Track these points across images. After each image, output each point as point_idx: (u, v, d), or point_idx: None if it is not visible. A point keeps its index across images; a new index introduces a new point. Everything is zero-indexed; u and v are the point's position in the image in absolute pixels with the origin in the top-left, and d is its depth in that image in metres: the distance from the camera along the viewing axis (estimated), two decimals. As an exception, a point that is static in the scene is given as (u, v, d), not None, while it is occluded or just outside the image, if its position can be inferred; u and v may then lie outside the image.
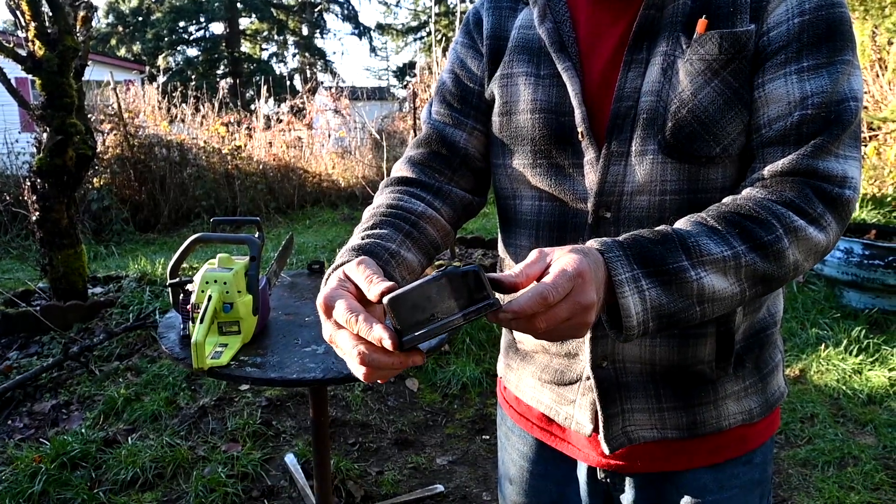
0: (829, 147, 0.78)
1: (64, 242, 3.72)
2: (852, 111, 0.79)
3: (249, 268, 1.61)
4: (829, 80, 0.78)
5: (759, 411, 0.93)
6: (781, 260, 0.75)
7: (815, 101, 0.78)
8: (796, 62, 0.79)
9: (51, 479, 2.37)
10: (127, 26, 24.35)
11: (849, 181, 0.78)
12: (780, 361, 0.97)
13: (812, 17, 0.79)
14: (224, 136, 8.89)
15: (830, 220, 0.78)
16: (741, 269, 0.73)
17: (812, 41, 0.79)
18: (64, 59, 3.59)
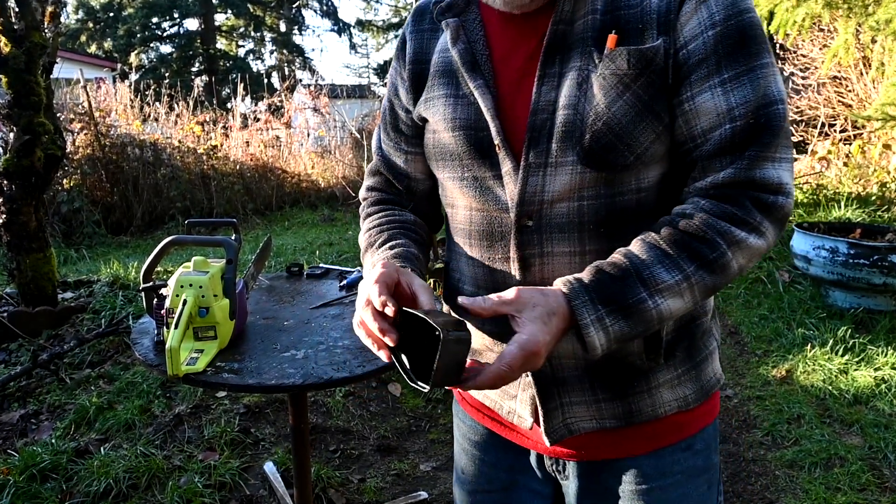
0: (764, 155, 0.83)
1: (32, 246, 3.60)
2: (780, 114, 0.83)
3: (226, 271, 1.57)
4: (751, 89, 0.83)
5: (695, 398, 0.97)
6: (726, 271, 0.83)
7: (741, 112, 0.83)
8: (718, 74, 0.84)
9: (19, 491, 2.27)
10: (97, 22, 23.95)
11: (784, 187, 0.84)
12: (715, 349, 1.01)
13: (724, 27, 0.83)
14: (199, 135, 8.75)
15: (768, 225, 0.84)
16: (693, 287, 0.82)
17: (728, 51, 0.84)
18: (31, 55, 3.48)
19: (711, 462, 1.02)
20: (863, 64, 6.25)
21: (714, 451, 1.03)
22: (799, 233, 3.96)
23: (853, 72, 6.45)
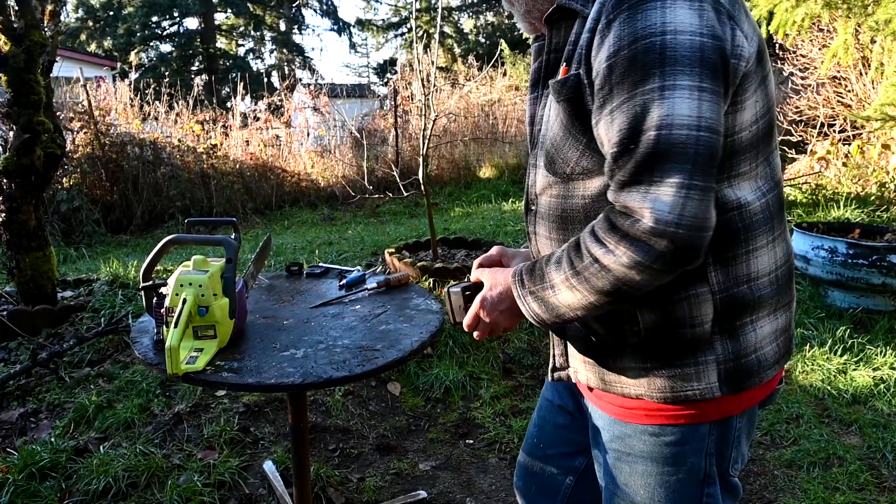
0: (631, 180, 0.90)
1: (32, 245, 3.60)
2: (652, 140, 0.87)
3: (225, 270, 1.57)
4: (628, 116, 0.89)
5: (662, 397, 1.06)
6: (597, 279, 0.94)
7: (616, 139, 0.91)
8: (609, 102, 0.92)
9: (19, 490, 2.27)
10: (97, 21, 23.92)
11: (647, 212, 0.87)
12: (712, 363, 1.04)
13: (615, 58, 0.90)
14: (199, 134, 8.74)
15: (627, 248, 0.90)
16: (576, 286, 0.97)
17: (618, 80, 0.91)
18: (31, 54, 3.47)
19: (686, 460, 1.09)
20: (862, 64, 6.25)
21: (695, 454, 1.09)
22: (798, 233, 3.96)
23: (852, 72, 6.44)
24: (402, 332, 1.70)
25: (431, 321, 1.77)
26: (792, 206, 5.56)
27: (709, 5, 0.90)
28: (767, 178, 1.04)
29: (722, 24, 0.91)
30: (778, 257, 1.07)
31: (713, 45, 0.89)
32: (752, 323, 1.05)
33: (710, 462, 1.10)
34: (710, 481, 1.11)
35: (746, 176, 1.01)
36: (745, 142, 0.99)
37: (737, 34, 0.93)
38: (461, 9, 26.25)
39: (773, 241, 1.06)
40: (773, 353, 1.08)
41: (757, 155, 1.01)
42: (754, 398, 1.10)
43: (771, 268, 1.06)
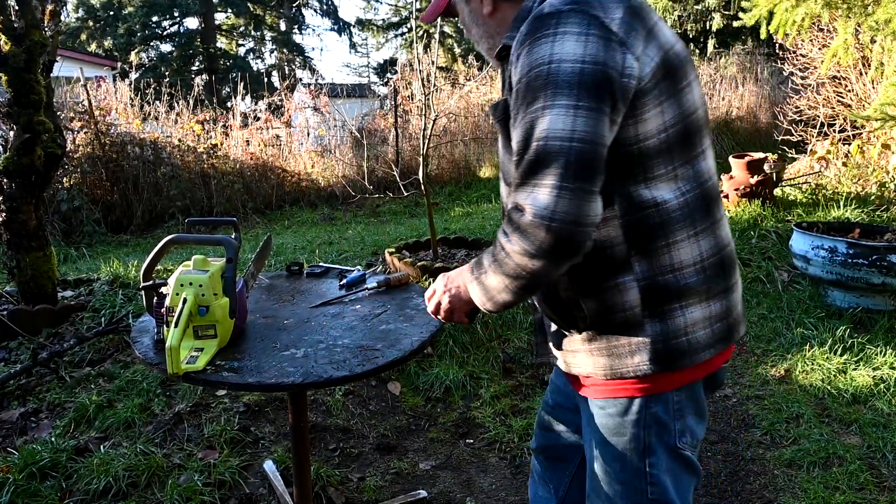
0: (520, 182, 1.08)
1: (32, 244, 3.60)
2: (533, 150, 1.05)
3: (226, 270, 1.57)
4: (522, 132, 1.08)
5: (604, 374, 1.22)
6: (505, 265, 1.12)
7: (515, 150, 1.11)
8: (514, 121, 1.11)
9: (19, 489, 2.27)
10: (98, 21, 23.91)
11: (528, 208, 1.05)
12: (643, 345, 1.18)
13: (518, 86, 1.10)
14: (199, 134, 8.74)
15: (518, 237, 1.07)
16: (495, 271, 1.15)
17: (519, 102, 1.09)
18: (31, 54, 3.47)
19: (625, 431, 1.23)
20: (862, 64, 6.24)
21: (633, 425, 1.22)
22: (798, 232, 3.96)
23: (852, 72, 6.44)
24: (403, 331, 1.70)
25: (431, 321, 1.77)
26: (792, 206, 5.56)
27: (595, 36, 1.06)
28: (689, 179, 1.17)
29: (610, 50, 1.06)
30: (703, 249, 1.18)
31: (593, 70, 1.05)
32: (680, 308, 1.18)
33: (650, 433, 1.22)
34: (650, 451, 1.23)
35: (663, 178, 1.14)
36: (653, 148, 1.12)
37: (627, 57, 1.07)
38: (461, 8, 26.22)
39: (695, 235, 1.17)
40: (705, 337, 1.19)
41: (672, 159, 1.15)
42: (690, 377, 1.22)
43: (695, 259, 1.18)
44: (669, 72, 1.13)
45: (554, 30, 1.07)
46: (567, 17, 1.08)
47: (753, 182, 5.61)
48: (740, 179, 5.73)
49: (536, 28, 1.09)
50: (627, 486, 1.25)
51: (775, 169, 5.83)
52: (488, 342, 3.51)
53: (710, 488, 2.50)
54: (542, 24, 1.09)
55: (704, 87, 11.92)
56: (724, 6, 13.14)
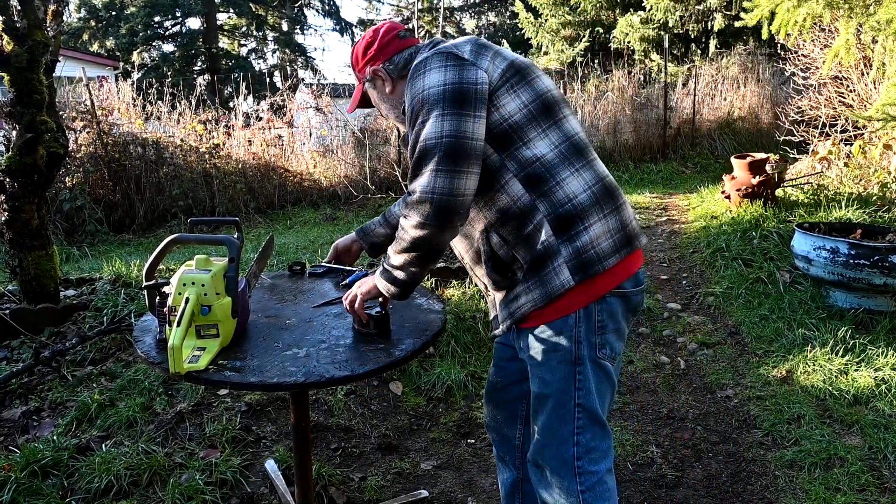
0: (412, 174, 1.48)
1: (34, 244, 3.61)
2: (417, 150, 1.46)
3: (228, 269, 1.57)
4: (412, 142, 1.50)
5: (541, 300, 1.52)
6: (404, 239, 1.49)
7: (409, 155, 1.51)
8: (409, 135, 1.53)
9: (21, 488, 2.28)
10: (100, 21, 23.92)
11: (416, 190, 1.44)
12: (562, 265, 1.49)
13: (407, 114, 1.55)
14: (202, 134, 8.75)
15: (411, 212, 1.45)
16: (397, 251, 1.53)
17: (409, 125, 1.53)
18: (34, 54, 3.48)
19: (560, 346, 1.54)
20: (864, 64, 6.23)
21: (566, 339, 1.53)
22: (799, 233, 3.95)
23: (854, 72, 6.43)
24: (405, 331, 1.70)
25: (433, 321, 1.78)
26: (794, 207, 5.55)
27: (451, 66, 1.48)
28: (559, 135, 1.54)
29: (463, 70, 1.47)
30: (587, 179, 1.53)
31: (452, 87, 1.46)
32: (584, 229, 1.49)
33: (580, 347, 1.53)
34: (580, 361, 1.54)
35: (537, 138, 1.51)
36: (520, 120, 1.51)
37: (478, 72, 1.48)
38: (463, 9, 26.26)
39: (576, 171, 1.52)
40: (609, 247, 1.51)
41: (540, 124, 1.52)
42: (603, 286, 1.52)
43: (583, 187, 1.51)
44: (518, 71, 1.53)
45: (423, 70, 1.51)
46: (430, 60, 1.51)
47: (755, 182, 5.60)
48: (742, 180, 5.73)
49: (413, 73, 1.54)
50: (562, 392, 1.55)
51: (777, 169, 5.83)
52: (490, 342, 3.51)
53: (712, 489, 2.50)
54: (416, 69, 1.53)
55: (706, 87, 11.90)
56: (725, 6, 13.11)
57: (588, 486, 1.55)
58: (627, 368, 3.52)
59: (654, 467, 2.65)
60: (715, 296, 4.36)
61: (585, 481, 1.55)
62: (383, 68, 1.69)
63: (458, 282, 4.08)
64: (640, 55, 14.18)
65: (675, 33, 13.98)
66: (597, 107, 11.07)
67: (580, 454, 1.56)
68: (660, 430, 2.93)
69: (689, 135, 11.26)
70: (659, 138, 11.04)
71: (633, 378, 3.43)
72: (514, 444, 1.89)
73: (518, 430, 1.88)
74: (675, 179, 9.47)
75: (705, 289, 4.51)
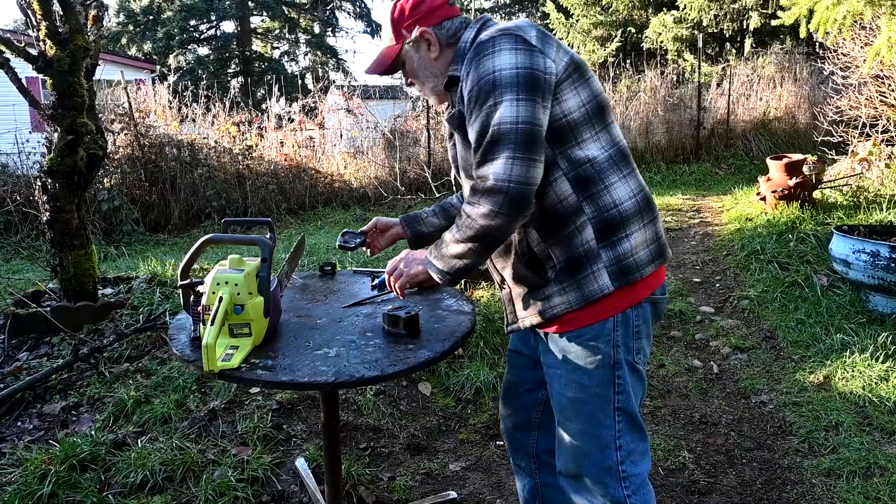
0: (480, 161, 1.41)
1: (74, 243, 3.70)
2: (490, 134, 1.39)
3: (261, 269, 1.59)
4: (478, 125, 1.42)
5: (577, 303, 1.50)
6: (471, 228, 1.42)
7: (473, 139, 1.44)
8: (469, 120, 1.46)
9: (60, 481, 2.33)
10: (138, 25, 24.48)
11: (490, 176, 1.37)
12: (601, 269, 1.49)
13: (469, 94, 1.45)
14: (235, 135, 8.88)
15: (482, 199, 1.38)
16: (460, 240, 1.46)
17: (472, 106, 1.45)
18: (75, 58, 3.57)
19: (599, 350, 1.52)
20: (906, 63, 6.05)
21: (605, 344, 1.52)
22: (838, 236, 3.86)
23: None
24: (434, 332, 1.70)
25: (463, 322, 1.77)
26: (832, 209, 5.42)
27: (521, 49, 1.42)
28: (608, 139, 1.52)
29: (533, 57, 1.42)
30: (632, 187, 1.52)
31: (525, 72, 1.40)
32: (626, 236, 1.49)
33: (618, 351, 1.52)
34: (618, 366, 1.52)
35: (590, 140, 1.49)
36: (578, 119, 1.48)
37: (545, 61, 1.43)
38: (493, 10, 26.20)
39: (623, 177, 1.51)
40: (646, 256, 1.52)
41: (594, 125, 1.50)
42: (640, 293, 1.53)
43: (630, 194, 1.51)
44: (577, 67, 1.50)
45: (492, 49, 1.44)
46: (500, 40, 1.44)
47: (792, 184, 5.49)
48: (778, 181, 5.61)
49: (479, 50, 1.45)
50: (601, 397, 1.53)
51: (815, 171, 5.70)
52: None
53: (746, 496, 2.45)
54: (484, 47, 1.45)
55: (741, 86, 11.70)
56: (761, 5, 12.87)
57: (634, 488, 1.54)
58: (659, 372, 3.48)
59: (686, 473, 2.61)
60: (749, 299, 4.28)
61: (631, 485, 1.54)
62: (433, 31, 1.59)
63: (487, 283, 4.07)
64: (672, 55, 14.00)
65: (710, 32, 13.77)
66: (628, 107, 10.96)
67: (623, 458, 1.54)
68: (692, 436, 2.88)
69: (723, 135, 11.08)
70: (692, 139, 10.88)
71: (664, 382, 3.38)
72: (528, 451, 1.88)
73: (532, 437, 1.86)
74: (709, 181, 9.32)
75: (739, 292, 4.43)
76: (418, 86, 1.68)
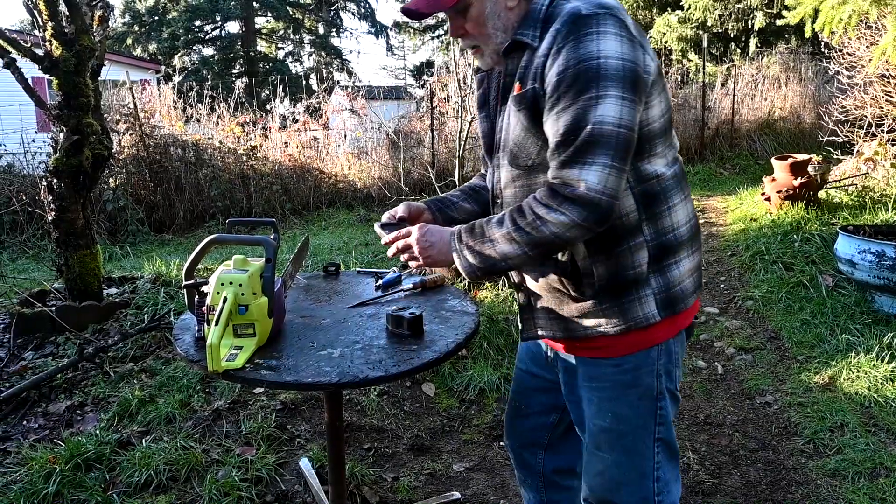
0: (571, 160, 1.22)
1: (79, 243, 3.71)
2: (588, 132, 1.20)
3: (265, 270, 1.59)
4: (571, 116, 1.22)
5: (616, 329, 1.37)
6: (538, 232, 1.24)
7: (561, 131, 1.23)
8: (556, 107, 1.25)
9: (65, 480, 2.34)
10: (143, 25, 24.55)
11: (583, 182, 1.20)
12: (650, 296, 1.37)
13: (562, 75, 1.23)
14: (239, 136, 8.90)
15: (568, 207, 1.21)
16: (516, 239, 1.27)
17: (563, 91, 1.23)
18: (81, 58, 3.58)
19: (641, 381, 1.41)
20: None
21: (647, 374, 1.41)
22: (843, 236, 3.84)
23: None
24: (438, 333, 1.70)
25: (467, 322, 1.77)
26: (837, 209, 5.40)
27: (625, 38, 1.23)
28: (673, 156, 1.40)
29: (635, 49, 1.24)
30: (689, 210, 1.42)
31: (631, 66, 1.22)
32: (675, 263, 1.38)
33: (660, 381, 1.42)
34: (661, 397, 1.43)
35: (660, 155, 1.35)
36: (656, 130, 1.33)
37: (645, 57, 1.27)
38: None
39: (684, 199, 1.40)
40: (691, 285, 1.42)
41: (665, 139, 1.36)
42: (682, 323, 1.44)
43: (686, 219, 1.40)
44: (659, 70, 1.35)
45: (596, 29, 1.22)
46: (604, 19, 1.23)
47: (797, 184, 5.47)
48: (783, 181, 5.60)
49: (579, 26, 1.23)
50: (641, 428, 1.43)
51: (820, 170, 5.68)
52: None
53: (751, 497, 2.44)
54: (584, 24, 1.22)
55: (746, 86, 11.67)
56: (766, 4, 12.84)
57: None
58: (663, 373, 3.47)
59: (690, 474, 2.60)
60: (754, 300, 4.27)
61: None
62: None
63: (491, 283, 4.07)
64: (677, 55, 13.98)
65: (714, 32, 13.74)
66: (633, 107, 10.94)
67: (660, 489, 1.47)
68: (696, 436, 2.88)
69: (727, 136, 11.05)
70: (696, 139, 10.85)
71: (668, 382, 3.37)
72: (535, 471, 1.79)
73: (539, 458, 1.77)
74: (713, 181, 9.29)
75: (744, 293, 4.42)
76: (478, 39, 1.40)
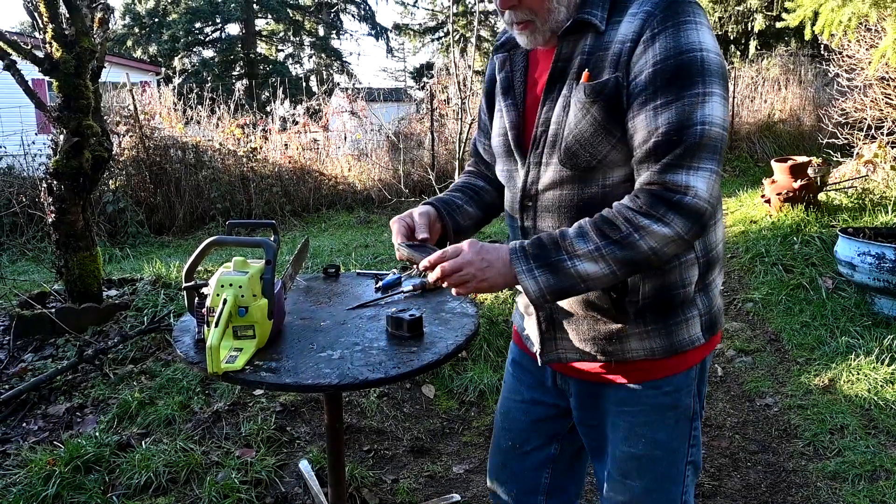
0: (677, 164, 1.07)
1: (79, 245, 3.71)
2: (697, 134, 1.06)
3: (265, 271, 1.59)
4: (675, 113, 1.07)
5: (661, 351, 1.25)
6: (634, 248, 1.08)
7: (663, 130, 1.08)
8: (652, 101, 1.09)
9: (65, 482, 2.34)
10: (143, 27, 24.57)
11: (691, 189, 1.06)
12: (696, 317, 1.26)
13: (662, 65, 1.08)
14: (239, 137, 8.91)
15: (673, 217, 1.07)
16: (605, 256, 1.09)
17: (663, 84, 1.08)
18: (81, 60, 3.58)
19: (681, 403, 1.31)
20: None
21: (686, 395, 1.31)
22: (843, 238, 3.85)
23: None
24: (438, 334, 1.70)
25: (467, 324, 1.77)
26: (837, 211, 5.40)
27: (710, 30, 1.13)
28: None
29: (717, 45, 1.13)
30: (723, 227, 1.32)
31: (724, 63, 1.13)
32: (714, 280, 1.29)
33: (696, 400, 1.34)
34: (696, 417, 1.34)
35: None
36: None
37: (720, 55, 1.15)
38: (495, 13, 26.23)
39: (722, 213, 1.31)
40: (722, 302, 1.35)
41: None
42: (717, 340, 1.36)
43: (722, 234, 1.30)
44: None
45: (693, 18, 1.10)
46: (697, 8, 1.12)
47: (797, 186, 5.47)
48: (783, 184, 5.60)
49: (677, 12, 1.09)
50: (676, 452, 1.33)
51: (819, 173, 5.68)
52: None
53: (750, 499, 2.44)
54: (681, 10, 1.10)
55: (746, 89, 11.69)
56: (766, 7, 12.86)
57: None
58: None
59: (690, 476, 2.60)
60: (754, 302, 4.27)
61: None
62: None
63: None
64: (677, 57, 14.01)
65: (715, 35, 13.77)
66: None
67: None
68: (696, 439, 2.87)
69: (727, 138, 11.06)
70: (696, 141, 10.87)
71: (668, 385, 3.37)
72: None
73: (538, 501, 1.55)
74: (713, 183, 9.29)
75: (744, 295, 4.42)
76: (536, 13, 1.19)
